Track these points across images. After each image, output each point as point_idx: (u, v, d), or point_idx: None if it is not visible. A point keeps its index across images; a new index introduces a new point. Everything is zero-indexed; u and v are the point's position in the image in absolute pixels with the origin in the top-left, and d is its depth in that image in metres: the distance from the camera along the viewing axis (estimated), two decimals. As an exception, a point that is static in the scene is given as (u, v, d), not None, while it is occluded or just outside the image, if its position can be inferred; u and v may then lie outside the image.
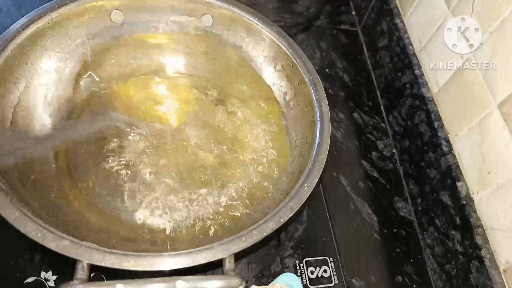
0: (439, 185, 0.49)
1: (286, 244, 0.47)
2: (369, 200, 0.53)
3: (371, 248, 0.50)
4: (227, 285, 0.33)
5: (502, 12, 0.42)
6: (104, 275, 0.40)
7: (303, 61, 0.48)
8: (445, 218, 0.47)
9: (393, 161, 0.58)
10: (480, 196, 0.44)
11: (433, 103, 0.52)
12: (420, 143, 0.53)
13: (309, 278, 0.45)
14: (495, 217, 0.42)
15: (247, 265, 0.45)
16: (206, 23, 0.52)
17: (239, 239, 0.35)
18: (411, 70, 0.55)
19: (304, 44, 0.66)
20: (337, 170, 0.55)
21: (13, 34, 0.42)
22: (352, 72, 0.65)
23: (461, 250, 0.45)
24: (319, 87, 0.47)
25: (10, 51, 0.41)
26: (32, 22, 0.43)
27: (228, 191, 0.46)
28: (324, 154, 0.42)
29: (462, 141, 0.47)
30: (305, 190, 0.39)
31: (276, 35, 0.50)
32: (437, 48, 0.52)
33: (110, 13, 0.49)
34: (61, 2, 0.45)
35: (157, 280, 0.32)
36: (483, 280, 0.41)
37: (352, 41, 0.69)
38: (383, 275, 0.48)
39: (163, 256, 0.33)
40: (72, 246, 0.32)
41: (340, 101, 0.62)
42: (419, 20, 0.57)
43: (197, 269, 0.33)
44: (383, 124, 0.61)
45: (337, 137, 0.58)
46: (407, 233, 0.52)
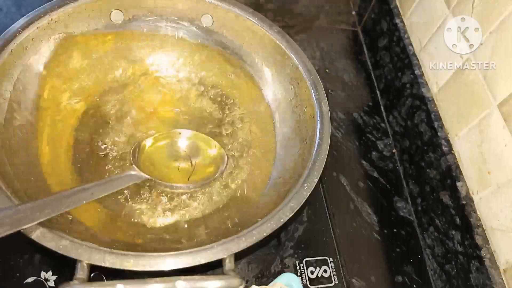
0: (439, 185, 0.49)
1: (286, 244, 0.47)
2: (369, 200, 0.53)
3: (371, 248, 0.50)
4: (227, 285, 0.33)
5: (502, 12, 0.42)
6: (104, 275, 0.40)
7: (303, 61, 0.48)
8: (445, 218, 0.47)
9: (393, 161, 0.58)
10: (480, 196, 0.44)
11: (433, 103, 0.52)
12: (420, 143, 0.53)
13: (309, 278, 0.45)
14: (495, 217, 0.42)
15: (247, 265, 0.45)
16: (206, 23, 0.52)
17: (239, 239, 0.35)
18: (411, 70, 0.55)
19: (304, 44, 0.66)
20: (337, 170, 0.55)
21: (13, 34, 0.42)
22: (352, 72, 0.65)
23: (461, 250, 0.45)
24: (319, 87, 0.47)
25: (10, 51, 0.41)
26: (32, 22, 0.43)
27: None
28: (324, 154, 0.41)
29: (462, 141, 0.47)
30: (305, 190, 0.39)
31: (276, 35, 0.50)
32: (437, 48, 0.52)
33: (110, 13, 0.49)
34: (61, 2, 0.45)
35: (157, 280, 0.32)
36: (483, 280, 0.41)
37: (352, 41, 0.69)
38: (383, 275, 0.48)
39: (163, 256, 0.33)
40: (72, 246, 0.32)
41: (340, 101, 0.62)
42: (419, 20, 0.57)
43: (197, 269, 0.33)
44: (383, 124, 0.61)
45: (337, 137, 0.58)
46: (407, 233, 0.52)
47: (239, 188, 0.47)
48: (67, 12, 0.46)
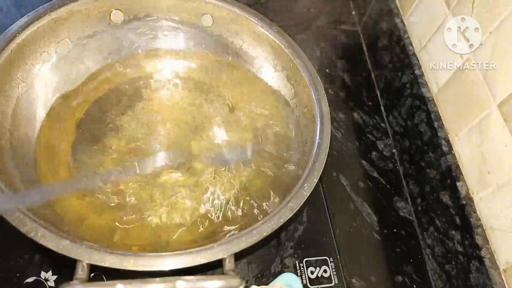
0: (439, 185, 0.49)
1: (286, 244, 0.47)
2: (369, 200, 0.53)
3: (371, 248, 0.50)
4: (227, 285, 0.33)
5: (502, 12, 0.42)
6: (104, 275, 0.40)
7: (303, 61, 0.48)
8: (445, 218, 0.47)
9: (393, 161, 0.58)
10: (480, 196, 0.44)
11: (433, 103, 0.52)
12: (420, 143, 0.53)
13: (309, 278, 0.45)
14: (495, 217, 0.42)
15: (247, 265, 0.45)
16: (206, 23, 0.52)
17: (239, 239, 0.35)
18: (411, 70, 0.55)
19: (304, 44, 0.66)
20: (337, 170, 0.55)
21: (13, 34, 0.42)
22: (352, 72, 0.65)
23: (461, 250, 0.45)
24: (319, 87, 0.47)
25: (10, 51, 0.41)
26: (32, 22, 0.43)
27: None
28: (324, 154, 0.41)
29: (462, 141, 0.47)
30: (305, 190, 0.39)
31: (276, 35, 0.50)
32: (437, 48, 0.52)
33: (110, 13, 0.49)
34: (61, 2, 0.45)
35: (157, 280, 0.32)
36: (483, 280, 0.41)
37: (352, 41, 0.69)
38: (383, 275, 0.48)
39: (163, 256, 0.33)
40: (72, 246, 0.32)
41: (340, 101, 0.62)
42: (419, 20, 0.57)
43: (197, 269, 0.33)
44: (383, 124, 0.61)
45: (337, 137, 0.58)
46: (407, 233, 0.52)
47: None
48: (67, 12, 0.46)
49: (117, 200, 0.43)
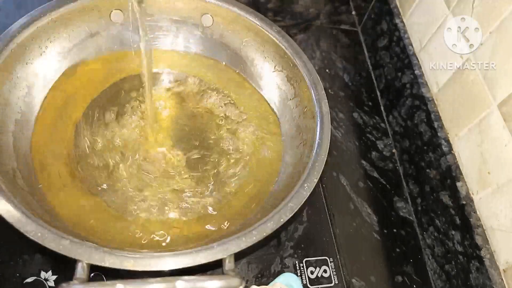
0: (439, 185, 0.49)
1: (286, 244, 0.47)
2: (369, 200, 0.53)
3: (371, 248, 0.50)
4: (227, 285, 0.33)
5: (502, 12, 0.42)
6: (104, 275, 0.40)
7: (303, 61, 0.48)
8: (445, 218, 0.47)
9: (393, 161, 0.58)
10: (480, 196, 0.44)
11: (433, 103, 0.52)
12: (420, 143, 0.53)
13: (309, 278, 0.45)
14: (495, 217, 0.42)
15: (247, 265, 0.45)
16: (206, 23, 0.52)
17: (239, 239, 0.35)
18: (411, 70, 0.55)
19: (304, 44, 0.66)
20: (337, 170, 0.55)
21: (13, 34, 0.42)
22: (352, 72, 0.65)
23: (461, 250, 0.45)
24: (319, 87, 0.47)
25: (10, 51, 0.41)
26: (32, 22, 0.43)
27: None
28: (324, 154, 0.41)
29: (462, 141, 0.47)
30: (305, 190, 0.39)
31: (276, 35, 0.50)
32: (437, 48, 0.52)
33: (110, 13, 0.49)
34: (61, 2, 0.45)
35: (157, 280, 0.32)
36: (483, 280, 0.41)
37: (352, 41, 0.69)
38: (383, 275, 0.48)
39: (163, 256, 0.33)
40: (72, 246, 0.32)
41: (340, 101, 0.62)
42: (419, 20, 0.57)
43: (197, 269, 0.33)
44: (383, 124, 0.61)
45: (337, 137, 0.58)
46: (407, 233, 0.52)
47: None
48: (67, 12, 0.46)
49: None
